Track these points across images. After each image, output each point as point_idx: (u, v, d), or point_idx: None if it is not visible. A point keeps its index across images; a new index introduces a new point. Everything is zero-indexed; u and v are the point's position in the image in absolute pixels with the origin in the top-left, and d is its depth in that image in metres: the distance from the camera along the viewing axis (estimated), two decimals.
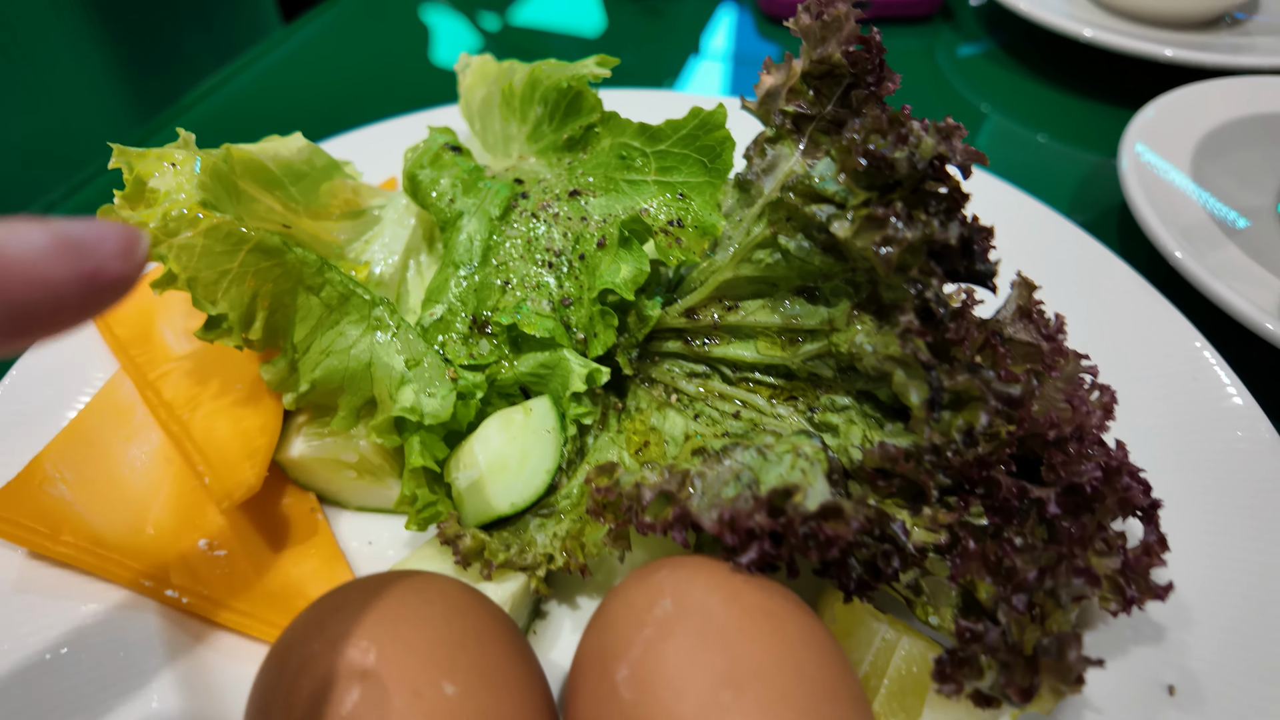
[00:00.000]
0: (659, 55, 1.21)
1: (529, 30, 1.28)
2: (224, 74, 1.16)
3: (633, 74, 1.15)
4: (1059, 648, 0.38)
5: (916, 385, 0.41)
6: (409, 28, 1.30)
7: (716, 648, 0.35)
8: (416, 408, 0.50)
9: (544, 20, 1.31)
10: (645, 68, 1.18)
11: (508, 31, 1.29)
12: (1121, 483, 0.45)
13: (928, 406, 0.41)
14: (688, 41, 1.24)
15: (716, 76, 1.16)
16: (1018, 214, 0.75)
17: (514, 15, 1.33)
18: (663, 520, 0.42)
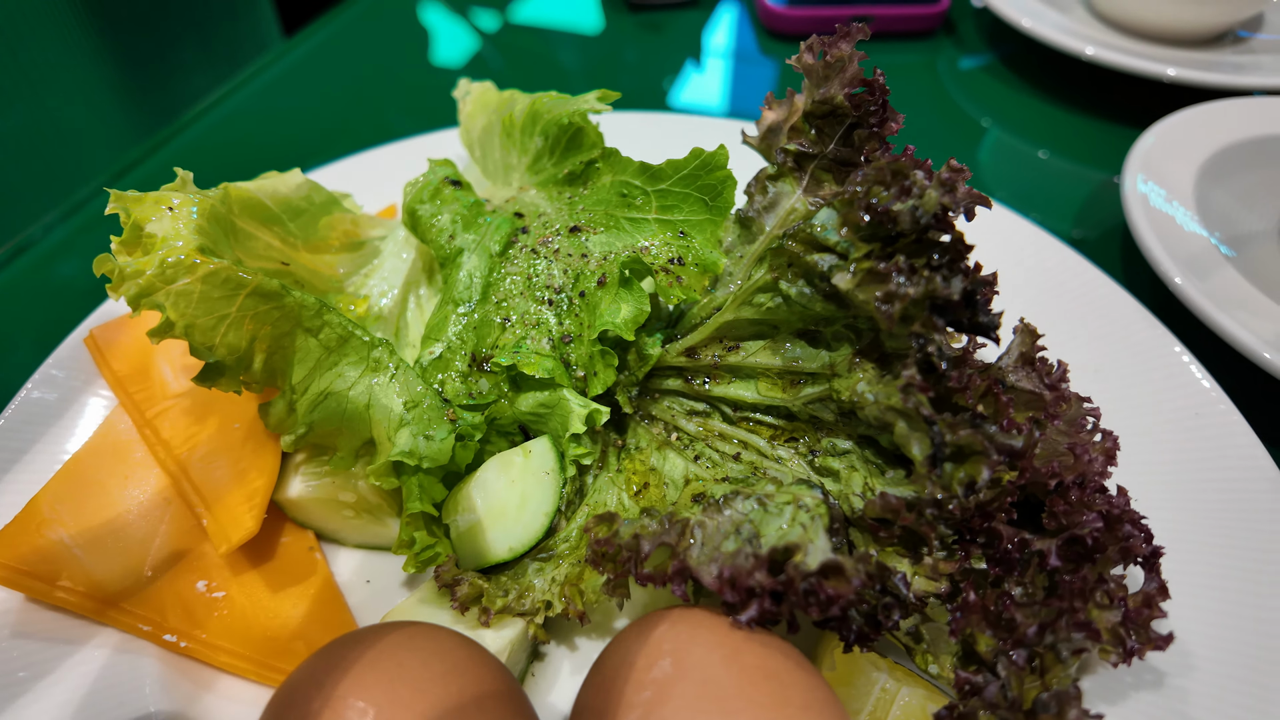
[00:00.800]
0: (659, 70, 1.21)
1: (530, 52, 1.28)
2: (224, 90, 1.15)
3: (632, 90, 1.15)
4: (1059, 706, 0.38)
5: (918, 439, 0.41)
6: (409, 40, 1.30)
7: (716, 712, 0.35)
8: (415, 450, 0.50)
9: (545, 43, 1.30)
10: (645, 83, 1.18)
11: (509, 43, 1.29)
12: (1123, 531, 0.45)
13: (929, 462, 0.40)
14: (687, 55, 1.24)
15: (715, 91, 1.16)
16: (1018, 240, 0.74)
17: (515, 30, 1.33)
18: (662, 573, 0.42)
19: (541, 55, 1.26)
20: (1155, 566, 0.46)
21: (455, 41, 1.30)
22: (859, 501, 0.46)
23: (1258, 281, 0.76)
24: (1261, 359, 0.65)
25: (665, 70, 1.21)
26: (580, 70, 1.22)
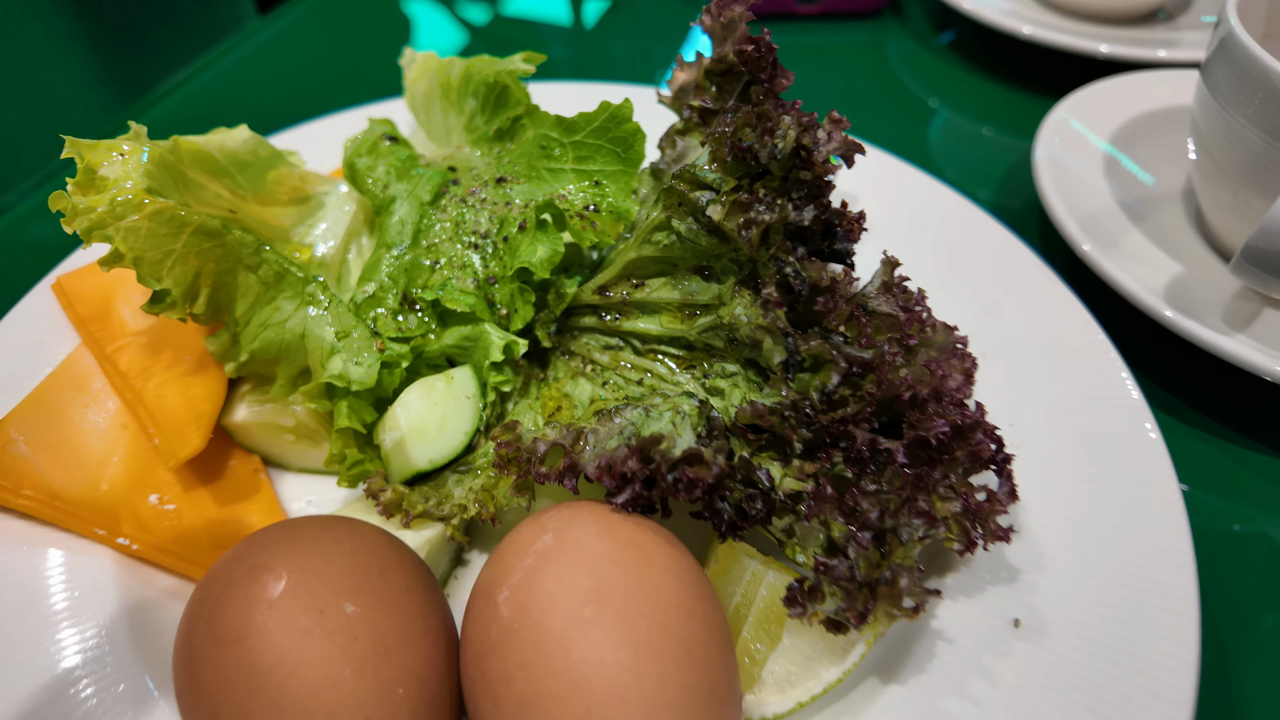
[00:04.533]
0: (641, 51, 1.26)
1: (506, 19, 1.33)
2: (197, 65, 1.20)
3: (616, 67, 1.20)
4: (893, 577, 0.44)
5: (777, 350, 0.46)
6: (384, 19, 1.34)
7: (585, 572, 0.40)
8: (344, 375, 0.55)
9: (524, 9, 1.35)
10: (628, 63, 1.23)
11: (481, 19, 1.33)
12: (974, 438, 0.50)
13: (784, 369, 0.46)
14: (661, 36, 1.28)
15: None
16: (931, 198, 0.80)
17: (488, 4, 1.37)
18: (555, 470, 0.47)
19: (526, 42, 1.30)
20: (1005, 471, 0.52)
21: (428, 17, 1.34)
22: (737, 412, 0.51)
23: (1159, 242, 0.81)
24: (1145, 305, 0.71)
25: (654, 63, 1.25)
26: (569, 60, 1.26)
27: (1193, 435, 0.71)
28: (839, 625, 0.45)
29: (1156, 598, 0.51)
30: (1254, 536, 0.64)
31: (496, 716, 0.39)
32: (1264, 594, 0.60)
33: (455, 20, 1.35)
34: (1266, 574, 0.62)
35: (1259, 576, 0.62)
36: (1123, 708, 0.46)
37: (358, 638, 0.40)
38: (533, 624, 0.39)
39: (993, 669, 0.49)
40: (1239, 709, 0.54)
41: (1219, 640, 0.58)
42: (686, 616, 0.40)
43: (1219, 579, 0.61)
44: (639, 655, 0.38)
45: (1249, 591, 0.60)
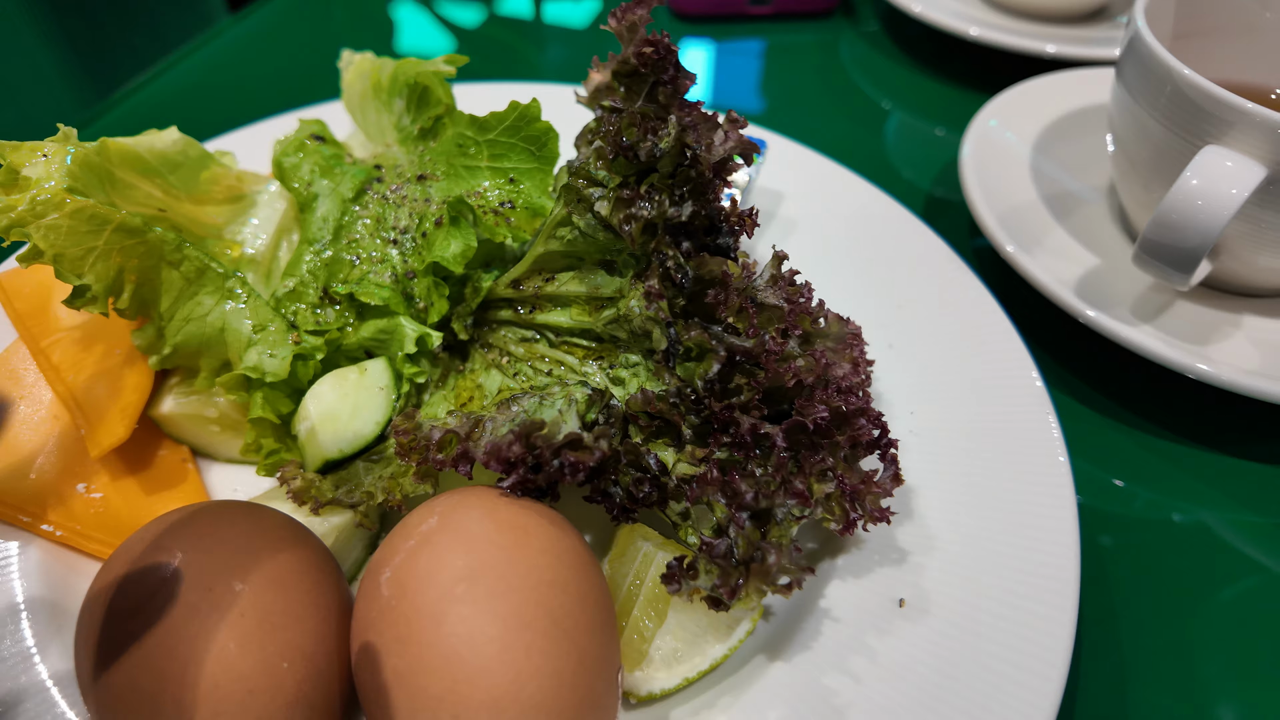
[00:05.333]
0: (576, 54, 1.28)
1: (496, 19, 1.35)
2: (165, 63, 1.22)
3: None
4: (764, 555, 0.46)
5: (661, 340, 0.48)
6: (356, 19, 1.36)
7: (462, 552, 0.43)
8: (258, 366, 0.57)
9: (507, 10, 1.37)
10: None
11: (462, 19, 1.35)
12: (856, 424, 0.52)
13: (665, 357, 0.48)
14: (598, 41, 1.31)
15: None
16: (852, 195, 0.82)
17: (465, 4, 1.39)
18: (450, 457, 0.49)
19: (511, 44, 1.32)
20: (888, 456, 0.54)
21: (412, 27, 1.36)
22: (629, 399, 0.53)
23: (1082, 238, 0.83)
24: (1056, 295, 0.73)
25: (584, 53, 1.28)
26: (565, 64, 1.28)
27: (1106, 426, 0.73)
28: (718, 602, 0.47)
29: (1039, 579, 0.53)
30: (1154, 523, 0.66)
31: (375, 689, 0.41)
32: (1155, 576, 0.63)
33: (433, 20, 1.37)
34: (1159, 555, 0.64)
35: (1153, 558, 0.64)
36: (997, 684, 0.48)
37: (244, 614, 0.42)
38: (409, 601, 0.41)
39: (875, 646, 0.51)
40: (1122, 686, 0.56)
41: (1111, 623, 0.60)
42: (558, 591, 0.42)
43: (1114, 564, 0.63)
44: (506, 628, 0.40)
45: (1141, 575, 0.63)
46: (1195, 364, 0.67)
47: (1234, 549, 0.65)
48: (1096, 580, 0.62)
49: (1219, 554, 0.64)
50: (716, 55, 1.27)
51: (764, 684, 0.49)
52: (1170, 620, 0.60)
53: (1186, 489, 0.68)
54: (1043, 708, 0.47)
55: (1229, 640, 0.59)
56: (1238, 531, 0.65)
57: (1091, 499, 0.67)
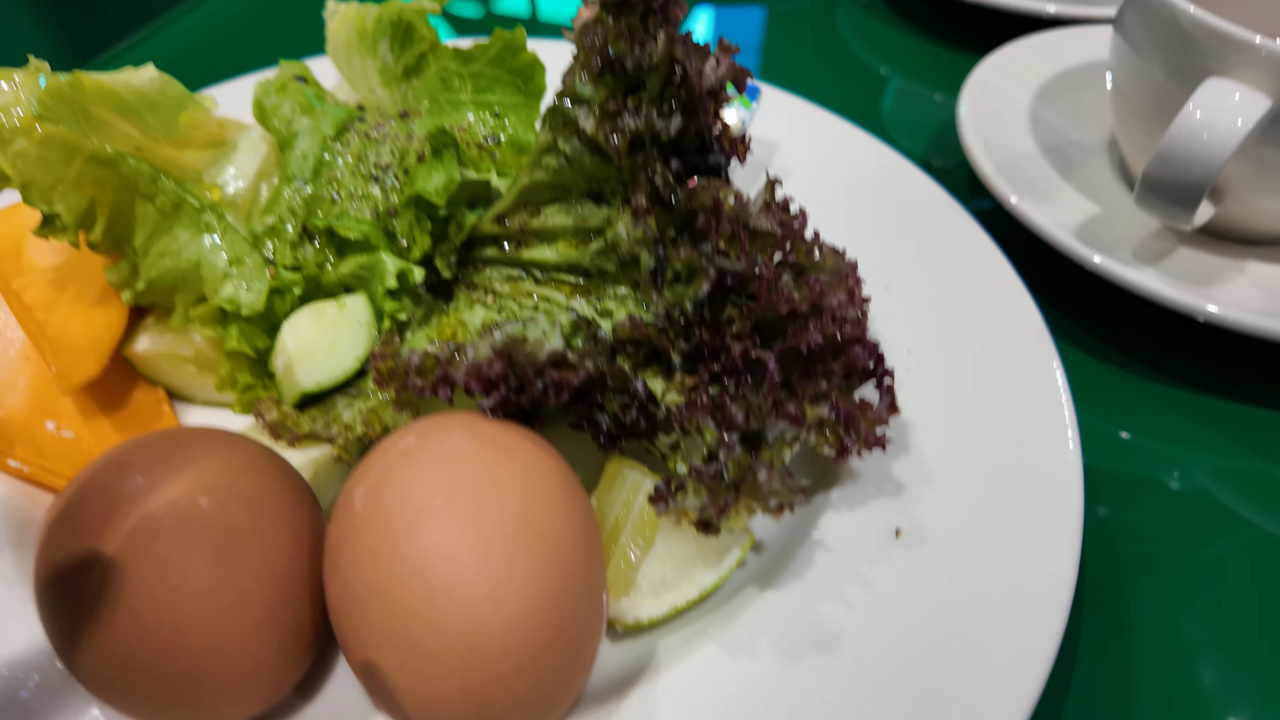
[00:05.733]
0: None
1: None
2: (152, 28, 1.20)
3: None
4: (754, 474, 0.44)
5: (649, 260, 0.47)
6: None
7: (441, 466, 0.41)
8: (234, 299, 0.55)
9: None
10: None
11: None
12: (852, 351, 0.51)
13: (653, 278, 0.46)
14: None
15: None
16: (849, 144, 0.80)
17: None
18: (430, 381, 0.47)
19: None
20: (884, 386, 0.52)
21: None
22: (616, 326, 0.52)
23: (1083, 188, 0.81)
24: (1056, 239, 0.72)
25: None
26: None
27: (1108, 372, 0.71)
28: (707, 524, 0.46)
29: (1041, 510, 0.51)
30: (1150, 461, 0.65)
31: (346, 603, 0.40)
32: (1159, 520, 0.61)
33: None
34: (1157, 495, 0.63)
35: (1151, 499, 0.62)
36: (1000, 611, 0.46)
37: (210, 529, 0.40)
38: (383, 514, 0.40)
39: (870, 575, 0.49)
40: (1124, 624, 0.55)
41: (1112, 562, 0.58)
42: (542, 508, 0.41)
43: (1111, 501, 0.62)
44: (486, 540, 0.38)
45: (1138, 513, 0.61)
46: (1204, 305, 0.65)
47: (1235, 494, 0.63)
48: (1100, 524, 0.61)
49: (1216, 501, 0.63)
50: (713, 22, 1.25)
51: (755, 612, 0.48)
52: (1174, 565, 0.58)
53: (1190, 433, 0.67)
54: (1046, 634, 0.45)
55: (1235, 586, 0.57)
56: (1233, 476, 0.64)
57: (1093, 444, 0.65)
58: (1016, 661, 0.44)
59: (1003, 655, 0.44)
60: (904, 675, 0.44)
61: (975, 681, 0.44)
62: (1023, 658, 0.44)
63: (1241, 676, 0.52)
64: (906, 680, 0.44)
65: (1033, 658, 0.44)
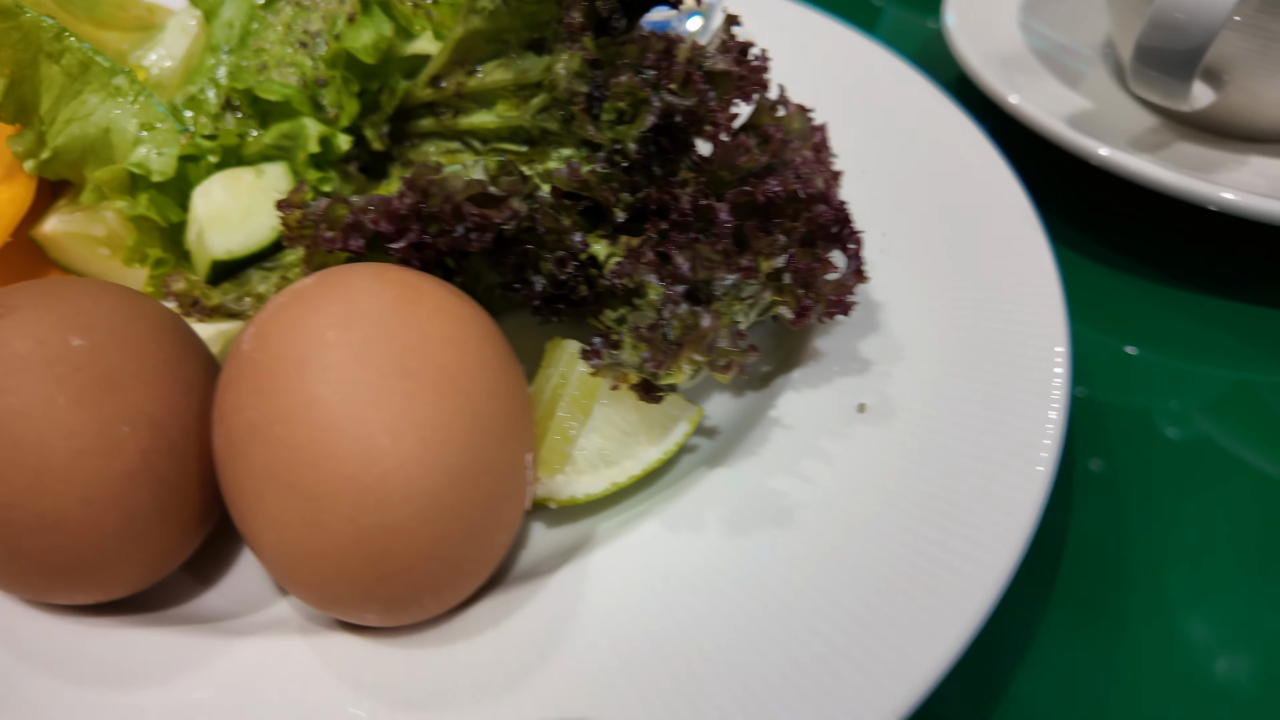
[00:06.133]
0: None
1: None
2: None
3: None
4: (698, 325, 0.39)
5: (581, 85, 0.42)
6: None
7: (337, 300, 0.36)
8: (144, 164, 0.51)
9: None
10: None
11: None
12: (815, 209, 0.46)
13: (588, 105, 0.41)
14: None
15: None
16: (825, 34, 0.75)
17: None
18: (341, 230, 0.43)
19: None
20: (850, 250, 0.48)
21: None
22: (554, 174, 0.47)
23: (1078, 89, 0.77)
24: (1047, 128, 0.67)
25: None
26: None
27: (1101, 272, 0.67)
28: (648, 387, 0.41)
29: (1021, 387, 0.47)
30: (1139, 356, 0.61)
31: (228, 448, 0.35)
32: (1141, 403, 0.57)
33: None
34: (1145, 385, 0.58)
35: (1141, 388, 0.58)
36: (971, 482, 0.42)
37: (80, 369, 0.35)
38: (271, 352, 0.35)
39: (830, 450, 0.45)
40: (1117, 525, 0.50)
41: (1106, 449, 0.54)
42: (452, 349, 0.36)
43: (1109, 400, 0.57)
44: (383, 375, 0.34)
45: (1127, 402, 0.57)
46: (1219, 193, 0.60)
47: (1218, 378, 0.59)
48: (1090, 415, 0.56)
49: (1196, 381, 0.59)
50: None
51: (702, 489, 0.43)
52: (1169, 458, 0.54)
53: (1186, 332, 0.62)
54: (1025, 506, 0.40)
55: (1225, 485, 0.53)
56: (1215, 362, 0.60)
57: (1084, 339, 0.61)
58: (993, 534, 0.39)
59: (979, 528, 0.40)
60: (867, 548, 0.40)
61: (947, 554, 0.39)
62: (1000, 530, 0.40)
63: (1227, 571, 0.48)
64: (869, 553, 0.39)
65: (1010, 530, 0.40)
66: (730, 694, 0.35)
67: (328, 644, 0.38)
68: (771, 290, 0.44)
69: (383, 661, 0.37)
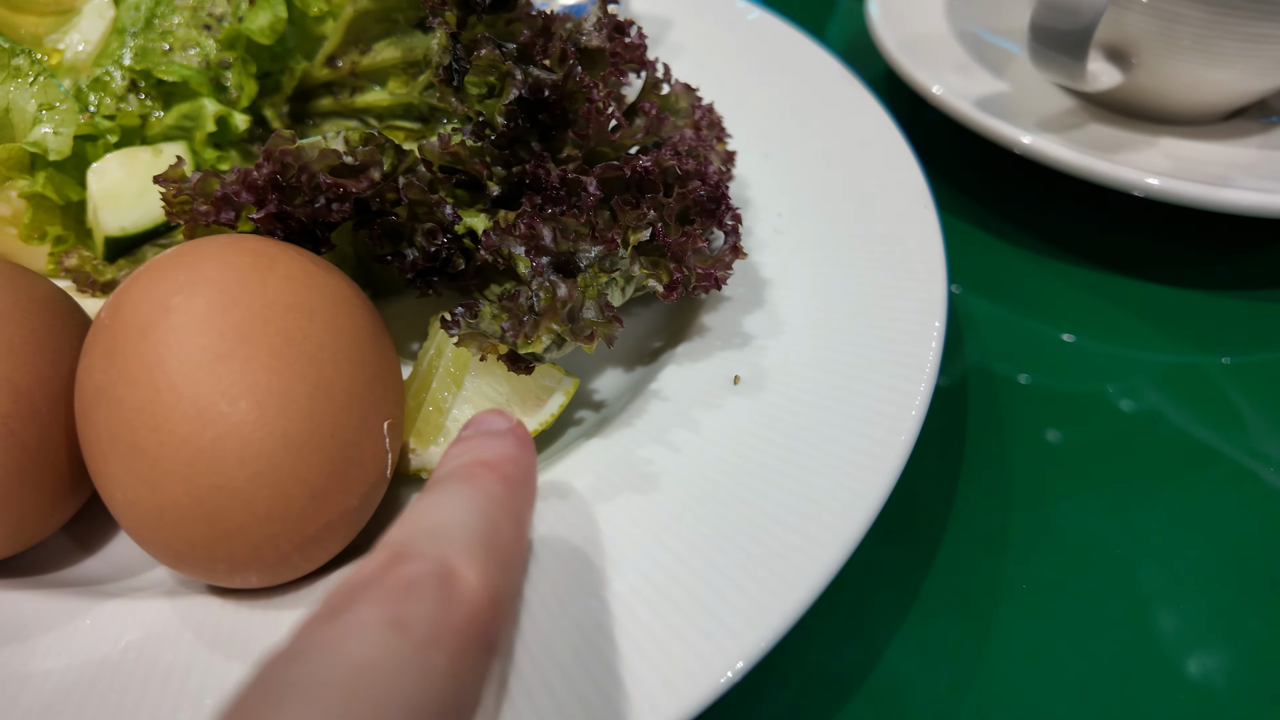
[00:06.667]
0: None
1: None
2: None
3: None
4: (557, 293, 0.40)
5: (441, 56, 0.43)
6: None
7: (187, 269, 0.37)
8: (41, 143, 0.51)
9: None
10: None
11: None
12: (689, 185, 0.47)
13: (445, 75, 0.42)
14: None
15: None
16: (740, 19, 0.76)
17: None
18: (214, 204, 0.44)
19: None
20: (725, 225, 0.48)
21: None
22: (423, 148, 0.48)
23: (1005, 79, 0.77)
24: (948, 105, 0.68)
25: None
26: None
27: (1028, 258, 0.68)
28: (515, 358, 0.42)
29: (894, 365, 0.47)
30: (1022, 332, 0.62)
31: (80, 411, 0.36)
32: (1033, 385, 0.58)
33: None
34: (1036, 367, 0.59)
35: (1033, 370, 0.59)
36: (832, 451, 0.43)
37: None
38: (120, 320, 0.36)
39: (700, 420, 0.45)
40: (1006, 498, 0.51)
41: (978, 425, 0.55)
42: (301, 316, 0.37)
43: (990, 370, 0.58)
44: (223, 339, 0.35)
45: (1000, 378, 0.58)
46: (1144, 179, 0.60)
47: (1148, 362, 0.59)
48: (988, 392, 0.57)
49: (1127, 365, 0.59)
50: None
51: (574, 458, 0.44)
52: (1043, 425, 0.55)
53: (1082, 305, 0.63)
54: (879, 471, 0.41)
55: (1154, 463, 0.54)
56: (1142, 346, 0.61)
57: (1023, 329, 0.62)
58: (844, 500, 0.40)
59: (832, 494, 0.41)
60: (723, 512, 0.40)
61: (796, 518, 0.40)
62: (851, 497, 0.40)
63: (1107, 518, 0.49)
64: (724, 517, 0.40)
65: (862, 496, 0.40)
66: (577, 659, 0.36)
67: (189, 605, 0.39)
68: (643, 264, 0.45)
69: (240, 622, 0.38)
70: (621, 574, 0.38)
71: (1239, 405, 0.57)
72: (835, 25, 1.03)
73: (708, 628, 0.36)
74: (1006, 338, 0.61)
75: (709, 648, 0.35)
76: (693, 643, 0.35)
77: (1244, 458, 0.53)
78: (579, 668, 0.35)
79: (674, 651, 0.35)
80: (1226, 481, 0.52)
